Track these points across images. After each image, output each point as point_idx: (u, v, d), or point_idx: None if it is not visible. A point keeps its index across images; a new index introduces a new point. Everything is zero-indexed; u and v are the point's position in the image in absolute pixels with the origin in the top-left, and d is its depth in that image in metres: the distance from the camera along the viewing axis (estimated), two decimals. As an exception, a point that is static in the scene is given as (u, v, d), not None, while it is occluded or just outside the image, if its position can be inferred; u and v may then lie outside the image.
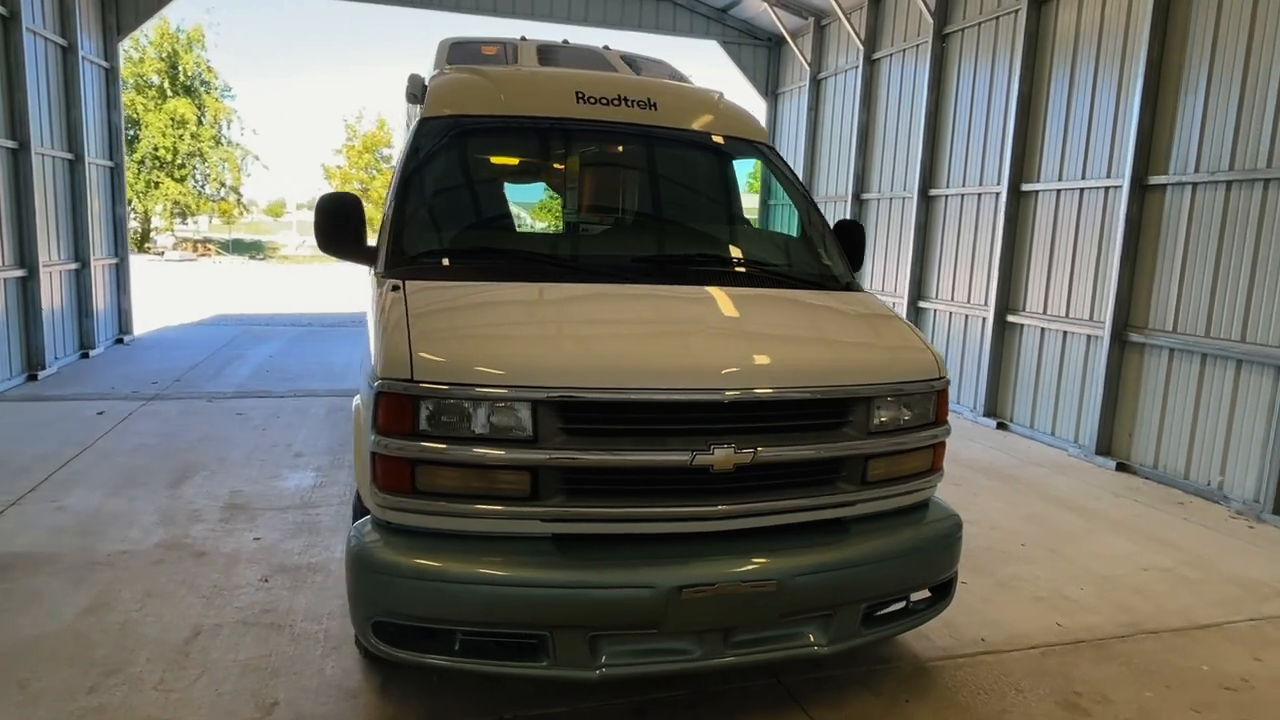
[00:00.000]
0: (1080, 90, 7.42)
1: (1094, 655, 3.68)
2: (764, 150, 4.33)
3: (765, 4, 12.00)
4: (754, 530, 2.88)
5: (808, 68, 12.21)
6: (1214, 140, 6.17)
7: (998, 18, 8.46)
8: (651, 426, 2.72)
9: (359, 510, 3.03)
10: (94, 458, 5.92)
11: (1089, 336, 7.29)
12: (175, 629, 3.53)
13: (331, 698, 3.09)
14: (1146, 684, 3.44)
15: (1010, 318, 8.25)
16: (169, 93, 36.52)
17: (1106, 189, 7.11)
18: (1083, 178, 7.38)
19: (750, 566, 2.76)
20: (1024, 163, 8.06)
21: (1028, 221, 8.05)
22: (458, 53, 4.77)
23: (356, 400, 3.27)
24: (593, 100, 3.99)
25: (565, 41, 5.20)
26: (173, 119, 36.26)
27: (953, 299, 9.18)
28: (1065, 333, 7.59)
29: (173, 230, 42.01)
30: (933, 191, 9.47)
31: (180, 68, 36.57)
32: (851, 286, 3.74)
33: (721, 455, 2.71)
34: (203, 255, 41.17)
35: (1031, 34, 7.91)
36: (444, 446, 2.65)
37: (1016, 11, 8.10)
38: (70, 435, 6.42)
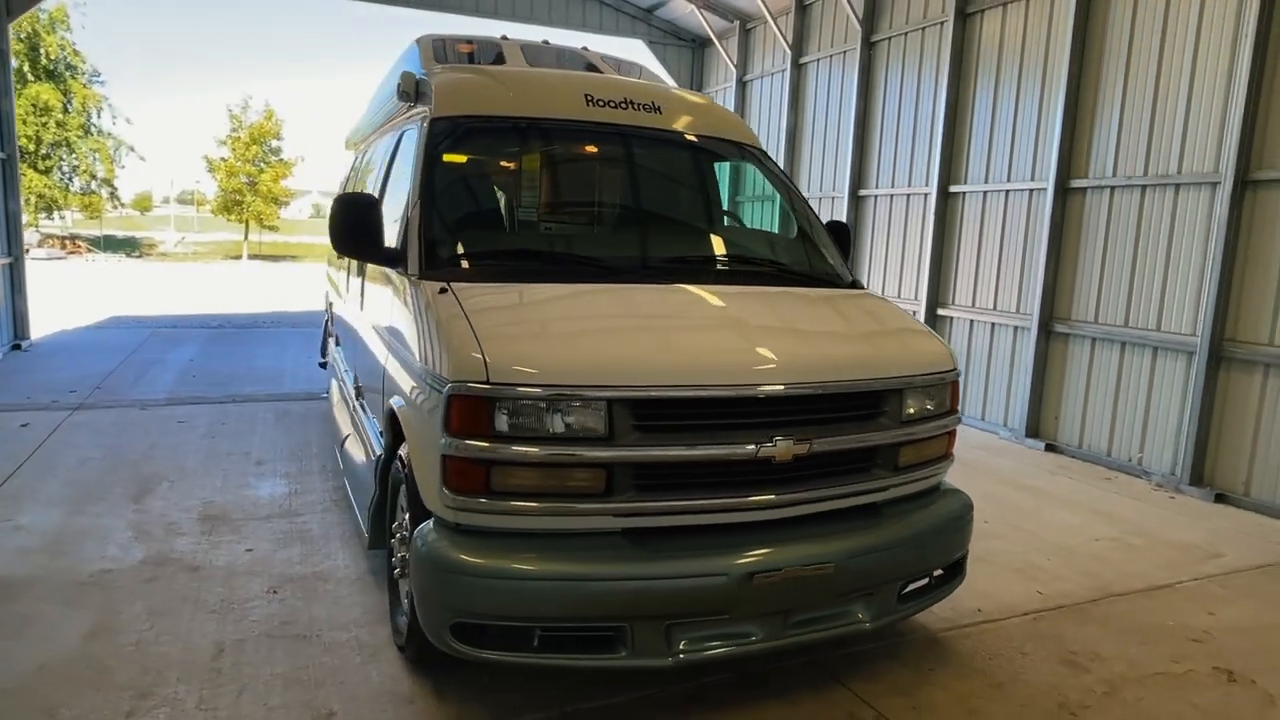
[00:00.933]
0: (1005, 99, 7.97)
1: (1076, 618, 4.04)
2: (756, 153, 4.51)
3: (692, 5, 12.23)
4: (803, 517, 3.04)
5: (733, 69, 12.53)
6: (1129, 148, 6.79)
7: (924, 29, 8.96)
8: (718, 421, 2.84)
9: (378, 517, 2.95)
10: (37, 472, 5.52)
11: (1016, 328, 7.86)
12: (196, 647, 3.39)
13: (388, 704, 3.05)
14: (1127, 641, 3.82)
15: (940, 310, 8.78)
16: (30, 77, 33.65)
17: (1031, 191, 7.68)
18: (1008, 180, 7.94)
19: (811, 551, 2.93)
20: (952, 165, 8.59)
21: (956, 220, 8.59)
22: (441, 50, 4.73)
23: (335, 396, 3.18)
24: (601, 103, 4.06)
25: (546, 42, 5.23)
26: (35, 105, 33.45)
27: (883, 293, 9.66)
28: (993, 324, 8.15)
29: (37, 226, 38.78)
30: (862, 192, 9.94)
31: (42, 50, 33.76)
32: (856, 284, 3.96)
33: (783, 447, 2.86)
34: (73, 253, 38.21)
35: (958, 45, 8.43)
36: (523, 448, 2.69)
37: (943, 23, 8.62)
38: (-2, 450, 5.96)
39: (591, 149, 4.06)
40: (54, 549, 4.30)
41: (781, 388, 2.89)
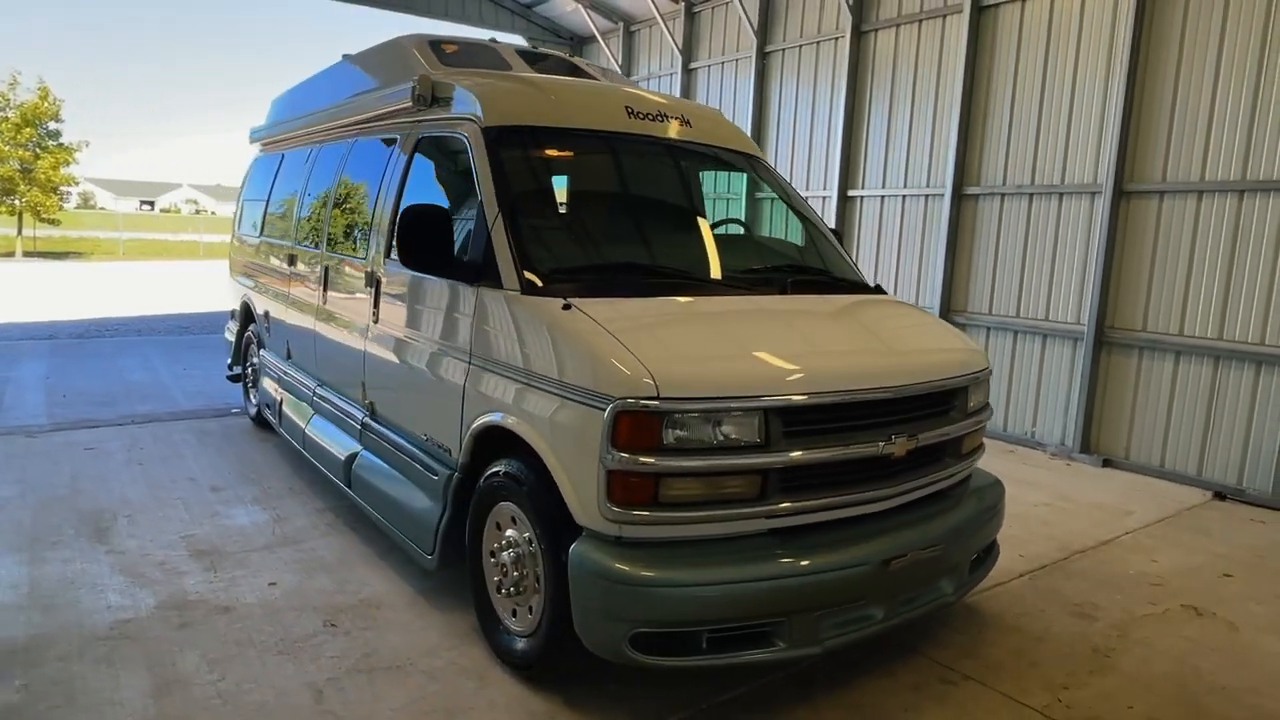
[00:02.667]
0: (900, 111, 8.75)
1: (1060, 575, 4.66)
2: (761, 163, 4.79)
3: (576, 4, 12.28)
4: (901, 506, 3.35)
5: (618, 71, 12.71)
6: (1017, 159, 7.72)
7: (818, 42, 9.61)
8: (852, 423, 3.08)
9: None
10: (-49, 519, 4.77)
11: (916, 319, 8.69)
12: (290, 691, 3.17)
13: (531, 722, 3.04)
14: (1109, 591, 4.47)
15: (841, 305, 9.49)
16: None
17: (928, 196, 8.51)
18: (904, 186, 8.73)
19: (926, 534, 3.25)
20: (849, 171, 9.29)
21: (854, 222, 9.32)
22: (441, 54, 4.62)
23: (292, 415, 3.11)
24: (641, 115, 4.16)
25: (535, 45, 5.20)
26: None
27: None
28: (894, 317, 8.95)
29: None
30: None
31: None
32: (880, 289, 4.33)
33: (900, 443, 3.16)
34: None
35: (854, 60, 9.12)
36: (690, 460, 2.80)
37: (838, 39, 9.29)
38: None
39: (642, 161, 4.13)
40: (43, 604, 3.79)
41: (898, 389, 3.18)
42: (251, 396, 7.14)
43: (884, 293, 4.28)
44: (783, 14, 10.07)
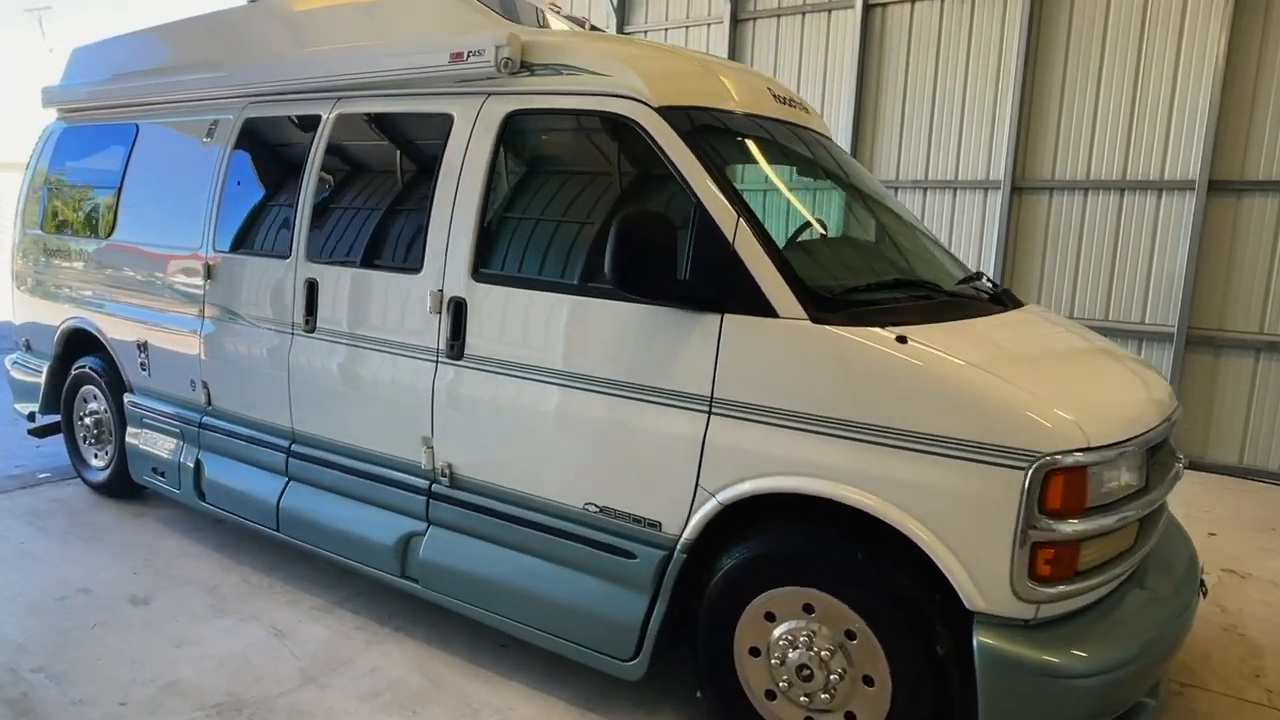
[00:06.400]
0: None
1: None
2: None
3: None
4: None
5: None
6: (909, 156, 8.08)
7: (687, 28, 9.30)
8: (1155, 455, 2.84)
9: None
10: None
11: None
12: None
13: None
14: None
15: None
16: None
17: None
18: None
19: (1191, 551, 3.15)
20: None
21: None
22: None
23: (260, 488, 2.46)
24: (781, 99, 3.59)
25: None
26: None
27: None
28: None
29: None
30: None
31: None
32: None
33: (1178, 467, 2.99)
34: None
35: (732, 48, 8.95)
36: (1107, 518, 2.41)
37: (709, 25, 9.05)
38: None
39: (802, 153, 3.51)
40: None
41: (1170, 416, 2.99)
42: (96, 456, 5.22)
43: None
44: (644, -6, 9.62)
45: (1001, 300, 3.23)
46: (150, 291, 4.64)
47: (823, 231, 3.37)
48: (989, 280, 3.49)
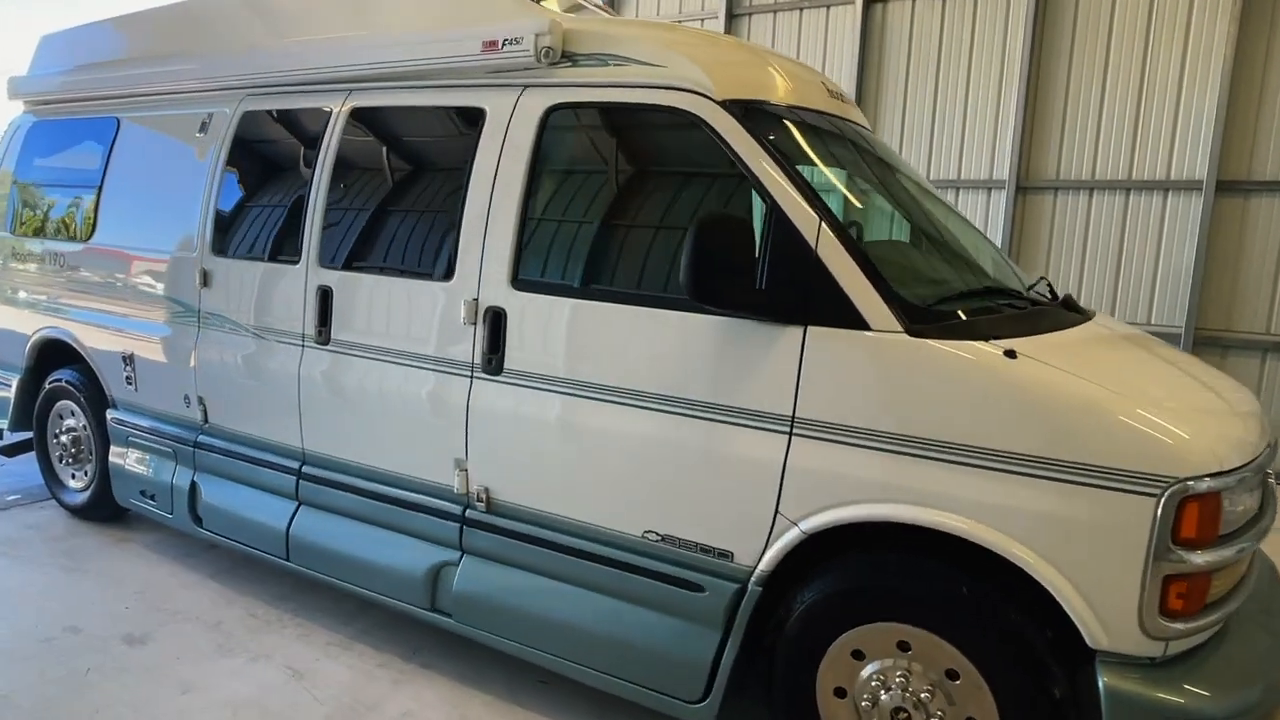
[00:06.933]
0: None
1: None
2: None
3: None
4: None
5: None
6: (911, 155, 7.95)
7: (679, 21, 9.07)
8: None
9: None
10: None
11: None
12: None
13: None
14: None
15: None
16: None
17: (818, 187, 8.47)
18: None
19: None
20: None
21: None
22: None
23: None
24: (833, 94, 3.38)
25: None
26: None
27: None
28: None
29: None
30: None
31: None
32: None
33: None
34: None
35: (725, 43, 8.74)
36: (1235, 545, 2.24)
37: (703, 20, 8.84)
38: None
39: (863, 151, 3.29)
40: None
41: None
42: (74, 477, 4.83)
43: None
44: (635, -13, 9.37)
45: (1075, 308, 3.06)
46: (137, 299, 4.29)
47: (891, 235, 3.17)
48: (1047, 285, 3.32)
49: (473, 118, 3.21)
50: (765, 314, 2.52)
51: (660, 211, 2.84)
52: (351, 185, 3.55)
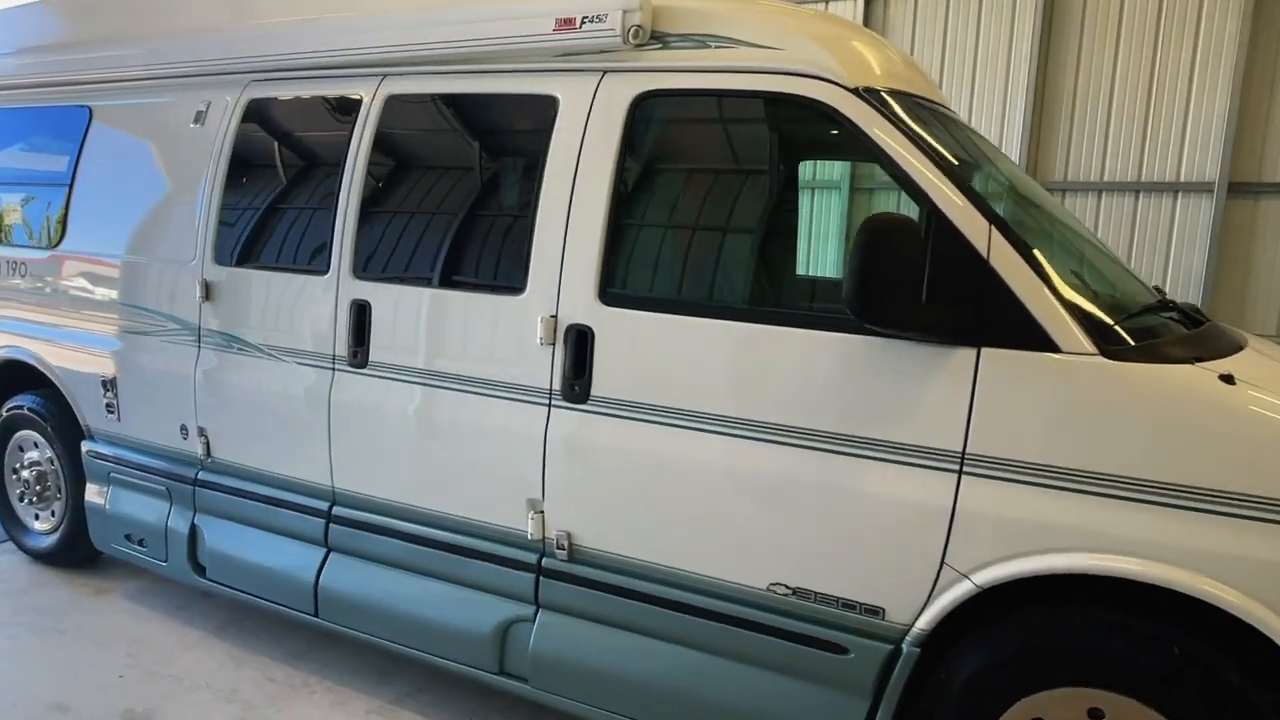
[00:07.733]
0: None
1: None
2: None
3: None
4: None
5: None
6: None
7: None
8: None
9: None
10: None
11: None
12: None
13: None
14: None
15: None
16: None
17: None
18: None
19: None
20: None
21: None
22: None
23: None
24: (930, 83, 3.06)
25: None
26: None
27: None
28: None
29: None
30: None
31: None
32: None
33: None
34: None
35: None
36: None
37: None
38: None
39: (991, 148, 2.97)
40: None
41: None
42: (38, 518, 4.21)
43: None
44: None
45: (1204, 319, 2.80)
46: (118, 314, 3.72)
47: (1040, 235, 2.86)
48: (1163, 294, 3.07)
49: (540, 107, 2.79)
50: (933, 333, 2.18)
51: (782, 215, 2.48)
52: (389, 184, 3.09)
